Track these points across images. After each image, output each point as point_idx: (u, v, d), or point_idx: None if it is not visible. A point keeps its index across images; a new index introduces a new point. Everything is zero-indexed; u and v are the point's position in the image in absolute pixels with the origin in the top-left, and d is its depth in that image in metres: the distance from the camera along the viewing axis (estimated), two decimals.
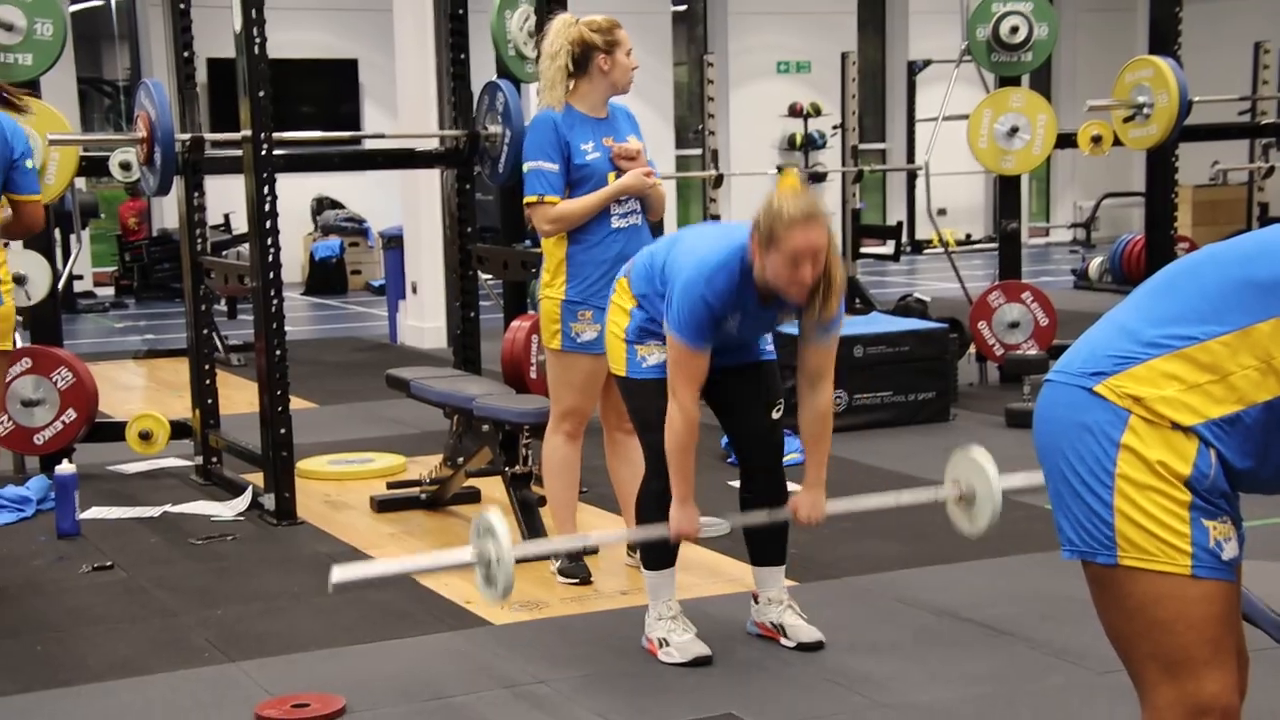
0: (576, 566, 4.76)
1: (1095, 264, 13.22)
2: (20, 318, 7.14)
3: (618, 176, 4.63)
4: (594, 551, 4.99)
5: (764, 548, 4.15)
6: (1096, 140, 8.02)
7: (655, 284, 3.94)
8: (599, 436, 4.93)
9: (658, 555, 4.07)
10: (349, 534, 5.48)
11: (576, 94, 4.66)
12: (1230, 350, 2.05)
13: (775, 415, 4.10)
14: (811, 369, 3.92)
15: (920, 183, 14.05)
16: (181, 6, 6.59)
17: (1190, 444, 2.07)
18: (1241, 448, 2.09)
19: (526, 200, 4.64)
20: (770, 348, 4.10)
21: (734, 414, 4.09)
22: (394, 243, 11.06)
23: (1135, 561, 2.11)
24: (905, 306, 9.40)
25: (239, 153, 5.78)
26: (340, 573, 3.17)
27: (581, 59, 4.63)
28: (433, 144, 7.00)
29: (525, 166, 4.63)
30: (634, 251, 4.30)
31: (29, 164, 4.85)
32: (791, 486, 5.85)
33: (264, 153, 5.53)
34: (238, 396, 7.71)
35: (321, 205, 15.78)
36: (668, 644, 4.01)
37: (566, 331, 4.61)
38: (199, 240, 6.61)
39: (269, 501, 5.66)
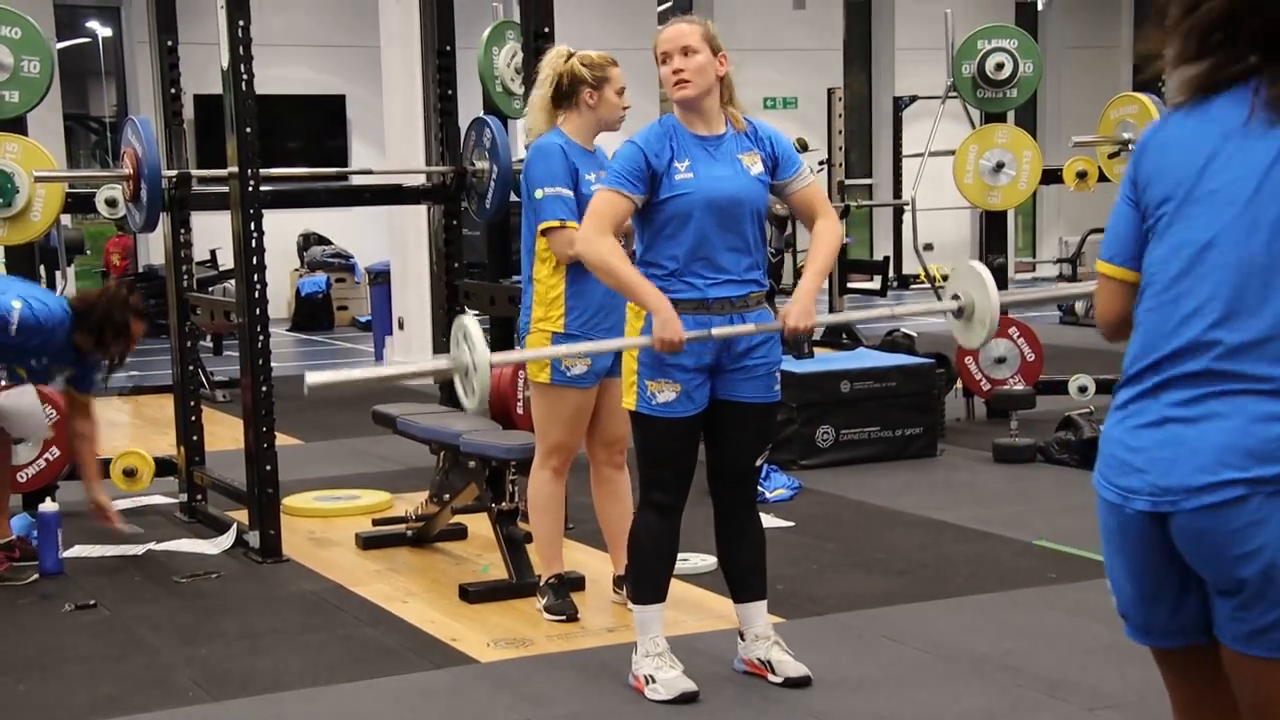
0: (563, 604, 4.74)
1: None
2: None
3: None
4: (578, 584, 4.97)
5: (744, 582, 4.14)
6: (1082, 176, 8.06)
7: None
8: (585, 472, 4.91)
9: (647, 590, 4.05)
10: (334, 571, 5.45)
11: (566, 125, 4.67)
12: None
13: (759, 463, 4.09)
14: (804, 212, 4.05)
15: (907, 218, 14.08)
16: (169, 43, 6.59)
17: None
18: None
19: (546, 225, 4.56)
20: (777, 388, 4.07)
21: (722, 449, 4.07)
22: (381, 278, 11.06)
23: None
24: (892, 342, 9.40)
25: (225, 189, 5.78)
26: (314, 377, 3.14)
27: (568, 91, 4.64)
28: (420, 180, 7.00)
29: (539, 192, 4.56)
30: None
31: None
32: (778, 522, 5.86)
33: (250, 189, 5.53)
34: (223, 433, 7.68)
35: (308, 241, 15.78)
36: (654, 681, 3.99)
37: (556, 364, 4.59)
38: (185, 276, 6.60)
39: (254, 539, 5.63)
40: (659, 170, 3.86)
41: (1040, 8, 19.04)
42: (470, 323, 3.11)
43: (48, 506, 5.51)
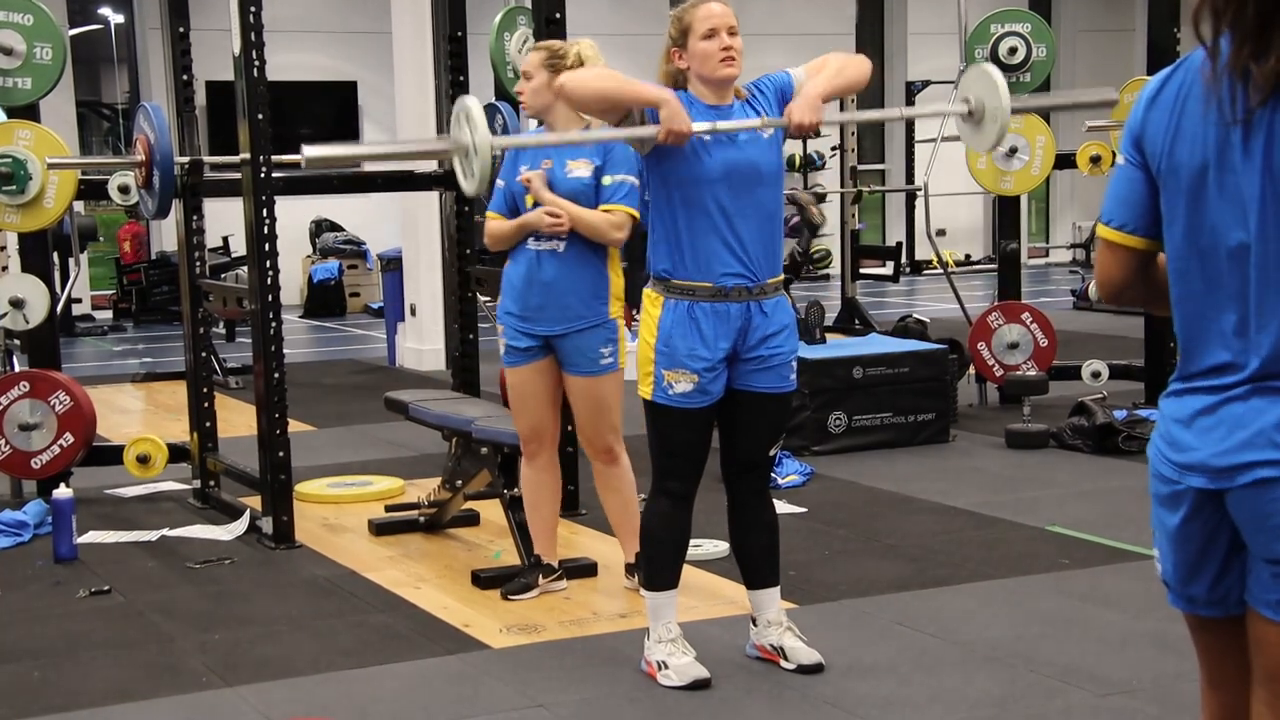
0: (517, 585, 4.85)
1: (1094, 285, 13.22)
2: (18, 341, 7.16)
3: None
4: (590, 570, 4.98)
5: (757, 569, 4.14)
6: (1095, 160, 8.03)
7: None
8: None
9: (660, 577, 4.05)
10: (347, 557, 5.46)
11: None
12: None
13: (772, 453, 4.09)
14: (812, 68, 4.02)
15: (919, 203, 14.08)
16: (181, 30, 6.61)
17: None
18: None
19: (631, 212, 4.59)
20: (793, 377, 4.07)
21: (736, 438, 4.06)
22: (393, 265, 11.07)
23: None
24: (904, 328, 9.40)
25: (238, 175, 5.78)
26: (311, 150, 3.14)
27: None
28: (431, 166, 7.00)
29: (630, 179, 4.54)
30: (547, 277, 4.54)
31: None
32: (790, 508, 5.86)
33: (263, 175, 5.53)
34: (236, 420, 7.69)
35: (320, 228, 15.79)
36: (667, 667, 3.99)
37: (507, 348, 4.75)
38: (197, 263, 6.61)
39: (267, 525, 5.65)
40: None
41: None
42: (472, 103, 3.03)
43: (62, 492, 5.53)
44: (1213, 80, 1.98)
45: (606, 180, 4.54)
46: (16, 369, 6.96)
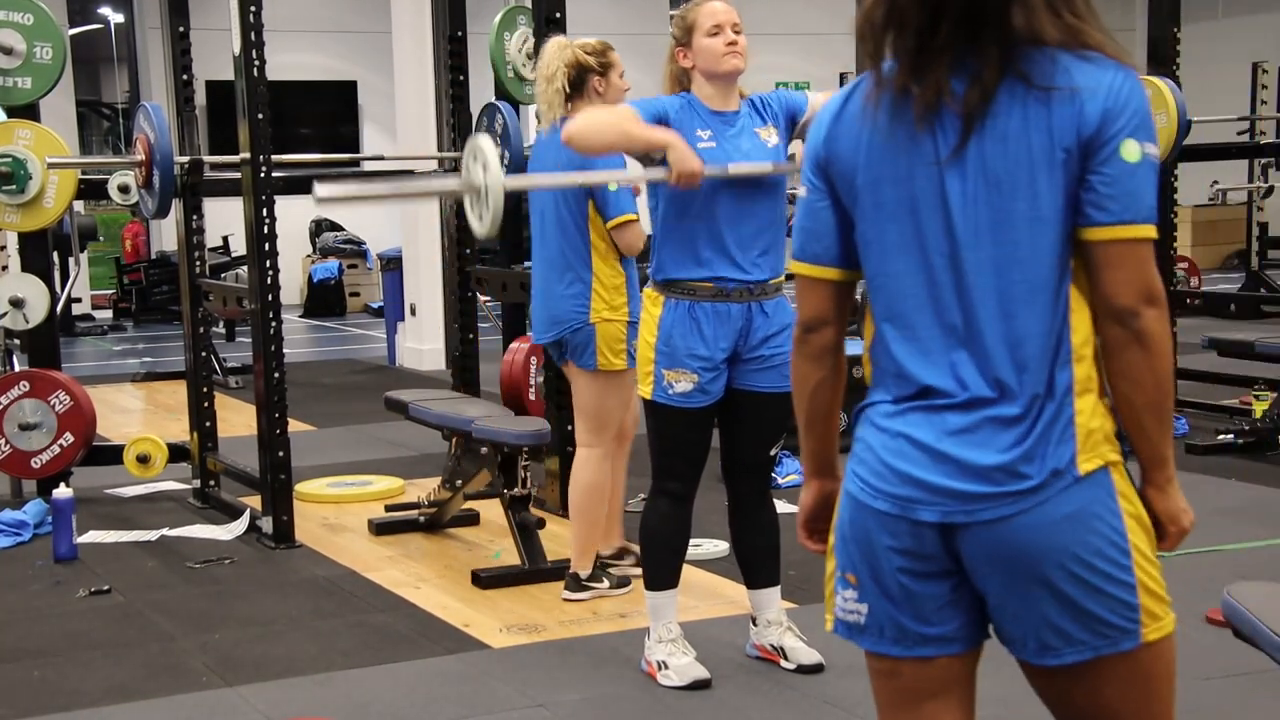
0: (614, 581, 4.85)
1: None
2: (18, 341, 7.16)
3: None
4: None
5: (758, 569, 4.14)
6: None
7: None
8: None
9: (660, 576, 4.05)
10: (347, 557, 5.46)
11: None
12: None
13: (773, 453, 4.09)
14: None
15: None
16: (180, 29, 6.60)
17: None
18: None
19: (626, 218, 4.62)
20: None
21: (737, 438, 4.06)
22: (393, 265, 11.07)
23: (1156, 632, 1.91)
24: None
25: (238, 175, 5.78)
26: (323, 188, 3.03)
27: (577, 81, 4.68)
28: (431, 165, 7.01)
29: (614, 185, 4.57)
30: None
31: None
32: (790, 508, 5.85)
33: (263, 175, 5.53)
34: (236, 419, 7.69)
35: (320, 227, 15.80)
36: (667, 667, 3.99)
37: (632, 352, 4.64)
38: (197, 263, 6.61)
39: (267, 525, 5.65)
40: (675, 128, 3.82)
41: None
42: (485, 142, 2.96)
43: (62, 492, 5.53)
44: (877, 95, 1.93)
45: (613, 185, 4.55)
46: (16, 369, 6.96)
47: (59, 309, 7.10)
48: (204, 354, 6.53)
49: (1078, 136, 1.84)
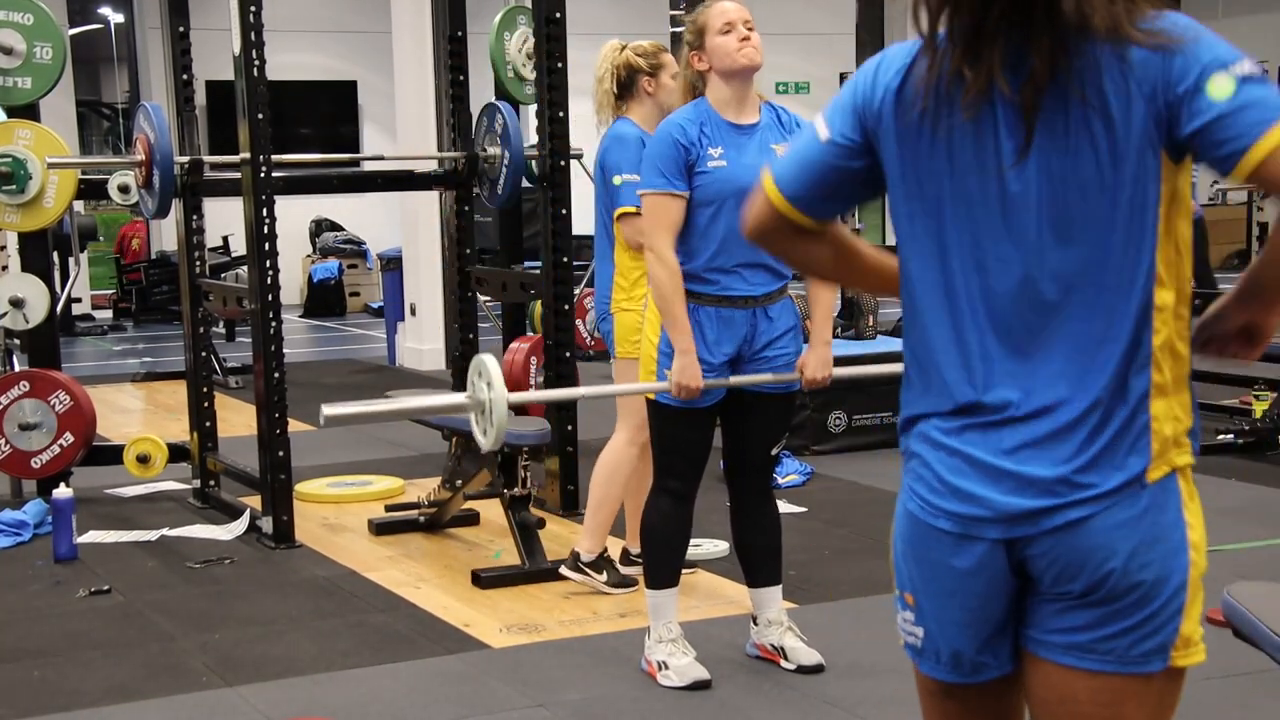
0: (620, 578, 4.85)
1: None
2: (18, 340, 7.16)
3: None
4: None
5: (759, 569, 4.14)
6: None
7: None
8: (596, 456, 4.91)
9: (660, 575, 4.05)
10: (347, 557, 5.46)
11: (633, 115, 4.78)
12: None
13: (775, 453, 4.09)
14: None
15: None
16: (180, 30, 6.60)
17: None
18: None
19: (623, 211, 4.61)
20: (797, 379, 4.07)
21: (739, 439, 4.06)
22: (393, 264, 11.07)
23: (1185, 659, 1.82)
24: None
25: (238, 175, 5.78)
26: (330, 409, 3.10)
27: (627, 82, 4.77)
28: (432, 165, 7.00)
29: (618, 179, 4.59)
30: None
31: None
32: (791, 508, 5.86)
33: (263, 175, 5.53)
34: (236, 419, 7.69)
35: (320, 227, 15.79)
36: (667, 667, 3.99)
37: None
38: (197, 263, 6.61)
39: (267, 525, 5.64)
40: (693, 158, 3.85)
41: None
42: (489, 361, 3.06)
43: (62, 492, 5.53)
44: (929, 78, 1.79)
45: (617, 180, 4.57)
46: (16, 369, 6.96)
47: (59, 309, 7.09)
48: (204, 354, 6.53)
49: (1157, 110, 1.71)
